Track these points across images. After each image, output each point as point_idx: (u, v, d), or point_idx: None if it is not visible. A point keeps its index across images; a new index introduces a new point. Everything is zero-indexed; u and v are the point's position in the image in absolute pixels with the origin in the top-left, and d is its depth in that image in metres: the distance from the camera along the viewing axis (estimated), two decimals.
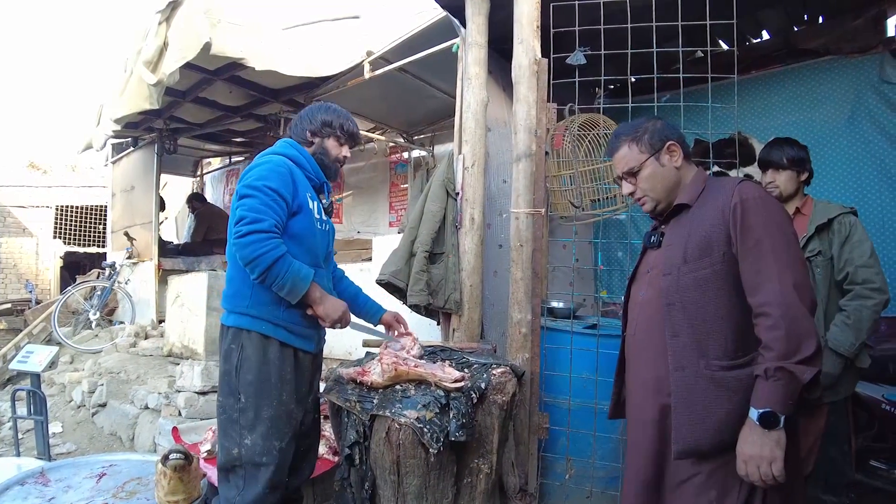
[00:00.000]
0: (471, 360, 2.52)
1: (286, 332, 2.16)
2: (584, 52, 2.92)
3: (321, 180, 2.38)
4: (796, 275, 1.53)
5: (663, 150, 1.82)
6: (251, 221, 1.99)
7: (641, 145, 1.84)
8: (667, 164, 1.82)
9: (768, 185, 2.67)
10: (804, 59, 4.34)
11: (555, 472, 2.99)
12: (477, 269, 3.10)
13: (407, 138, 6.66)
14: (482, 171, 3.15)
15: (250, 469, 2.08)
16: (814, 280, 2.49)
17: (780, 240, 1.57)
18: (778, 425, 1.46)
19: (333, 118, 2.39)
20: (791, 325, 1.47)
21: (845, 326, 2.42)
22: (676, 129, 1.87)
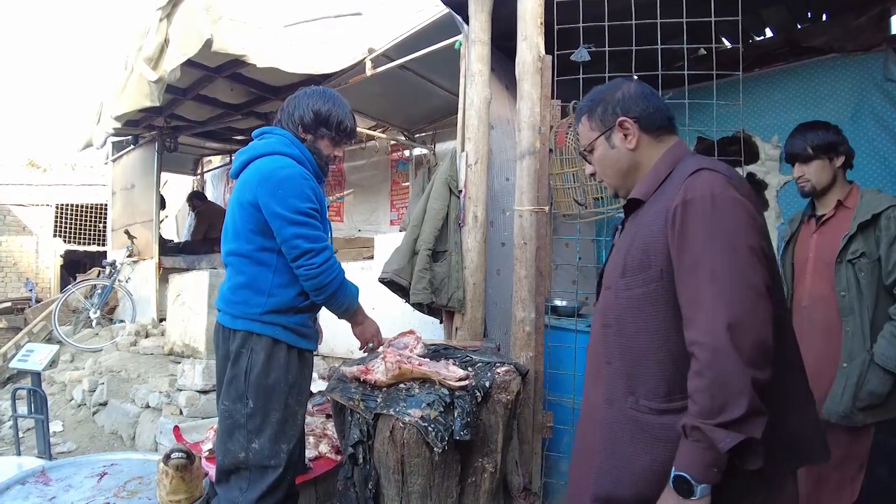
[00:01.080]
0: (474, 358, 2.51)
1: (295, 336, 2.15)
2: (588, 48, 2.90)
3: (321, 177, 2.32)
4: (735, 310, 1.17)
5: (615, 127, 1.50)
6: (322, 250, 2.07)
7: (593, 121, 1.55)
8: (618, 144, 1.50)
9: (798, 179, 2.39)
10: (807, 57, 4.31)
11: (559, 470, 2.98)
12: (480, 267, 3.08)
13: (408, 136, 6.64)
14: (485, 168, 3.13)
15: (256, 472, 2.06)
16: (858, 286, 2.17)
17: (723, 260, 1.21)
18: (693, 495, 1.16)
19: (331, 113, 2.24)
20: (716, 378, 1.15)
21: (893, 339, 2.07)
22: (645, 99, 1.50)
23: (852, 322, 2.16)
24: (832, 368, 2.17)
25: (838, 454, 2.13)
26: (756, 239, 1.25)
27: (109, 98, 5.22)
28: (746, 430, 1.12)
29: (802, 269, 2.39)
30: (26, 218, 12.16)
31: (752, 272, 1.21)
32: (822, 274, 2.28)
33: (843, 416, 2.12)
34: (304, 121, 2.23)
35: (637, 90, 1.52)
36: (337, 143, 2.30)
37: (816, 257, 2.32)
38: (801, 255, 2.42)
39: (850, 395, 2.11)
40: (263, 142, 2.24)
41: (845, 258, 2.19)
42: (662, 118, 1.49)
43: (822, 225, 2.35)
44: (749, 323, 1.17)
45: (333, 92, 2.32)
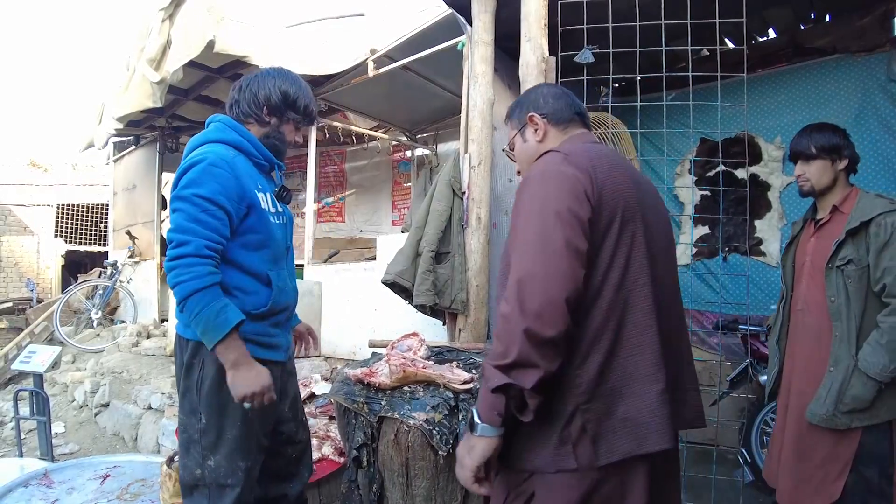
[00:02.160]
0: (478, 360, 2.50)
1: (253, 346, 1.87)
2: (593, 50, 2.90)
3: (271, 163, 2.05)
4: (526, 267, 1.22)
5: (527, 123, 1.61)
6: (176, 245, 1.73)
7: (512, 122, 1.67)
8: (529, 138, 1.61)
9: (798, 178, 2.37)
10: (811, 58, 4.31)
11: None
12: (483, 268, 3.08)
13: (410, 137, 6.64)
14: (489, 169, 3.13)
15: (215, 490, 1.89)
16: (846, 292, 2.15)
17: (533, 221, 1.27)
18: (475, 430, 1.23)
19: (298, 96, 2.03)
20: (503, 326, 1.21)
21: (878, 346, 2.05)
22: (555, 97, 1.61)
23: (840, 327, 2.17)
24: (822, 372, 2.19)
25: (821, 454, 2.19)
26: (568, 204, 1.26)
27: (111, 99, 5.21)
28: (514, 377, 1.18)
29: (800, 272, 2.39)
30: (27, 218, 12.16)
31: (552, 233, 1.23)
32: (816, 279, 2.29)
33: (824, 417, 2.14)
34: (270, 102, 1.99)
35: (549, 91, 1.65)
36: (299, 127, 2.11)
37: (812, 262, 2.33)
38: (800, 258, 2.42)
39: (833, 399, 2.12)
40: (197, 134, 2.00)
41: (835, 264, 2.19)
42: (570, 113, 1.60)
43: (819, 229, 2.35)
44: (536, 279, 1.20)
45: (293, 73, 2.11)
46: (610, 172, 1.35)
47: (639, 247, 1.33)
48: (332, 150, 7.81)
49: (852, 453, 2.12)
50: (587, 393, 1.26)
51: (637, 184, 1.41)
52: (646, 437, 1.26)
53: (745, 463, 3.57)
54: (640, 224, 1.34)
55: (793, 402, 2.30)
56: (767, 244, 4.41)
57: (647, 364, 1.30)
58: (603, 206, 1.30)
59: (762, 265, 4.42)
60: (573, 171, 1.31)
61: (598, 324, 1.28)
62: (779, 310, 2.54)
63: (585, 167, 1.32)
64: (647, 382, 1.29)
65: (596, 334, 1.28)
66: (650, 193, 1.49)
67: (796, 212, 4.30)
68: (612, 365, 1.28)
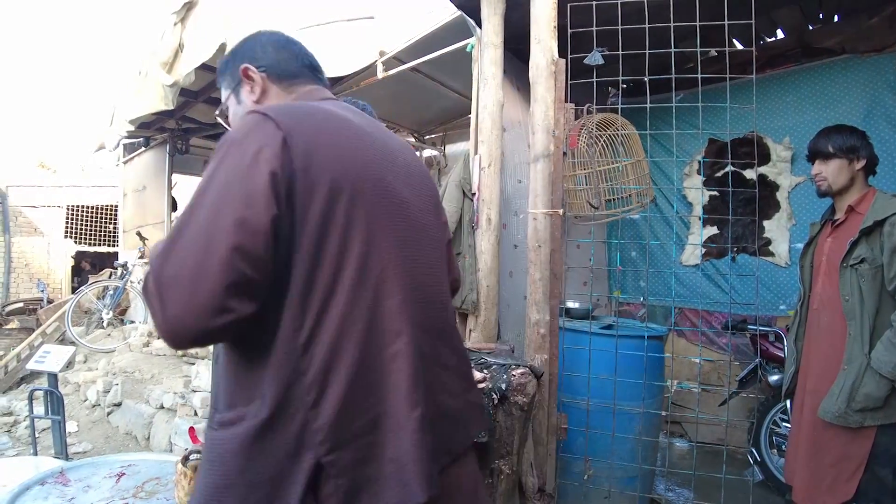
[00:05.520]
0: (489, 360, 2.52)
1: None
2: (602, 52, 2.92)
3: None
4: (176, 238, 0.94)
5: (242, 80, 1.28)
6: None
7: (225, 79, 1.35)
8: (245, 99, 1.29)
9: (816, 177, 2.39)
10: (819, 58, 4.32)
11: (572, 472, 2.99)
12: (494, 269, 3.10)
13: (418, 138, 6.67)
14: (499, 171, 3.15)
15: None
16: (860, 291, 2.16)
17: (201, 189, 0.98)
18: None
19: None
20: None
21: (891, 345, 2.04)
22: (277, 47, 1.31)
23: (854, 326, 2.19)
24: (837, 370, 2.21)
25: (834, 453, 2.20)
26: (244, 173, 0.96)
27: (123, 101, 5.26)
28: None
29: (817, 272, 2.42)
30: (37, 219, 12.24)
31: (218, 202, 0.95)
32: (832, 278, 2.31)
33: (837, 415, 2.15)
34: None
35: (268, 39, 1.33)
36: None
37: (828, 261, 2.36)
38: (817, 258, 2.44)
39: (845, 397, 2.14)
40: None
41: (849, 263, 2.21)
42: (296, 65, 1.31)
43: (836, 229, 2.37)
44: (185, 249, 0.93)
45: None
46: (331, 136, 1.07)
47: (382, 229, 1.08)
48: None
49: (867, 452, 2.13)
50: (329, 441, 0.97)
51: (379, 152, 1.15)
52: (404, 483, 1.00)
53: (755, 462, 3.58)
54: (380, 200, 1.09)
55: (807, 400, 2.32)
56: (776, 244, 4.42)
57: (402, 385, 1.04)
58: (304, 179, 0.99)
59: (771, 265, 4.43)
60: (262, 138, 0.98)
61: (331, 336, 0.99)
62: (797, 310, 2.56)
63: (284, 131, 0.99)
64: (405, 409, 1.03)
65: (331, 352, 0.99)
66: (406, 165, 1.23)
67: (805, 212, 4.30)
68: (358, 396, 1.00)
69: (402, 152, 1.25)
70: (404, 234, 1.13)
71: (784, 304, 4.31)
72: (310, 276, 0.99)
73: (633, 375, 2.90)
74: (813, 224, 2.60)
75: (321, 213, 0.99)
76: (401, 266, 1.09)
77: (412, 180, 1.23)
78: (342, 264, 1.01)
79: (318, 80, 1.34)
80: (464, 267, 3.10)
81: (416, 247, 1.16)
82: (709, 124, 4.44)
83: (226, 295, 0.90)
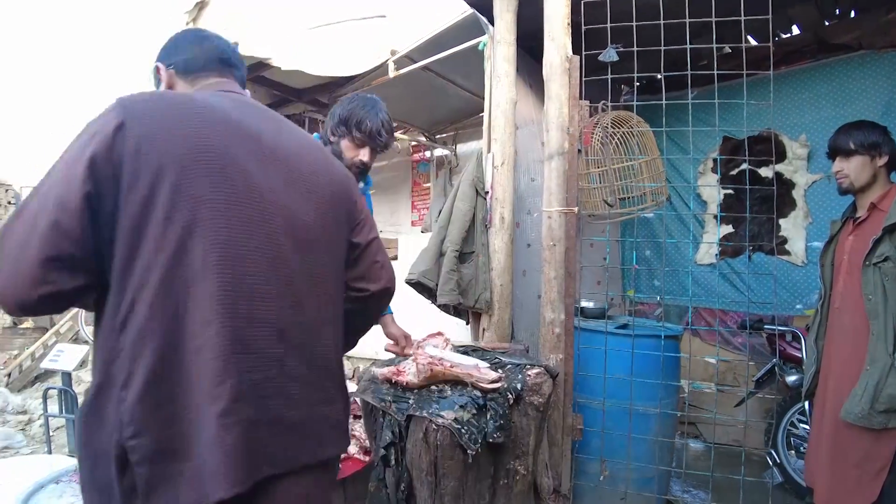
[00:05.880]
0: (503, 360, 2.50)
1: None
2: (617, 48, 2.89)
3: None
4: (16, 214, 1.01)
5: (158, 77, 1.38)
6: None
7: (154, 81, 1.43)
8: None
9: (837, 174, 2.35)
10: (836, 54, 4.26)
11: (587, 473, 2.97)
12: (507, 268, 3.08)
13: (429, 137, 6.64)
14: (512, 169, 3.12)
15: None
16: (883, 290, 2.11)
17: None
18: None
19: (351, 112, 2.11)
20: None
21: None
22: (189, 45, 1.38)
23: (877, 325, 2.14)
24: (859, 371, 2.17)
25: (857, 454, 2.16)
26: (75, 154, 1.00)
27: None
28: None
29: (838, 271, 2.37)
30: None
31: (51, 184, 1.00)
32: (854, 277, 2.27)
33: (860, 416, 2.12)
34: (332, 121, 2.18)
35: (185, 36, 1.40)
36: (358, 143, 2.14)
37: (850, 260, 2.31)
38: (838, 256, 2.40)
39: (868, 397, 2.10)
40: None
41: (872, 261, 2.16)
42: (204, 60, 1.36)
43: (858, 227, 2.33)
44: (7, 228, 1.00)
45: (372, 97, 2.21)
46: (176, 123, 1.07)
47: (213, 216, 1.06)
48: None
49: (891, 454, 2.09)
50: (132, 424, 0.97)
51: (239, 143, 1.14)
52: (201, 480, 0.98)
53: (774, 464, 3.53)
54: (217, 188, 1.07)
55: (829, 401, 2.28)
56: (792, 243, 4.37)
57: (206, 379, 1.01)
58: (133, 162, 1.01)
59: (787, 264, 4.37)
60: (101, 123, 1.02)
61: (141, 319, 1.00)
62: (818, 309, 2.50)
63: (123, 117, 1.02)
64: (206, 404, 1.00)
65: (139, 334, 1.00)
66: (285, 159, 1.23)
67: (822, 210, 4.25)
68: (160, 384, 0.99)
69: (288, 148, 1.25)
70: (242, 224, 1.10)
71: (800, 304, 4.26)
72: (129, 256, 1.01)
73: (649, 375, 2.87)
74: (833, 221, 2.55)
75: (144, 195, 1.01)
76: (228, 255, 1.06)
77: (292, 175, 1.22)
78: (160, 247, 1.01)
79: (226, 73, 1.38)
80: (477, 265, 3.08)
81: (259, 237, 1.12)
82: (723, 122, 4.39)
83: (45, 267, 0.96)
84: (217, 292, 1.04)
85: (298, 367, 1.15)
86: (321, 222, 1.27)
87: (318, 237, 1.26)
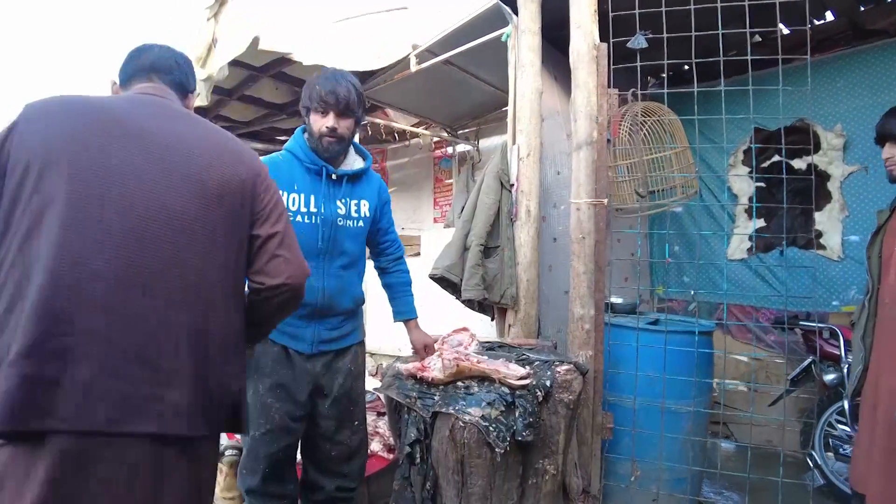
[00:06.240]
0: (531, 357, 2.43)
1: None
2: (646, 35, 2.80)
3: (319, 164, 2.19)
4: None
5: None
6: None
7: None
8: None
9: (887, 161, 2.22)
10: (872, 41, 4.10)
11: (617, 473, 2.88)
12: (533, 262, 2.99)
13: (451, 133, 6.57)
14: (538, 161, 3.04)
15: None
16: None
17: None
18: None
19: (309, 87, 2.16)
20: None
21: None
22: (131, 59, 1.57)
23: None
24: None
25: None
26: None
27: None
28: None
29: (888, 264, 2.21)
30: None
31: None
32: None
33: None
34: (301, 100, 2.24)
35: (130, 53, 1.58)
36: (320, 111, 2.16)
37: None
38: (886, 249, 2.24)
39: None
40: None
41: None
42: (133, 70, 1.55)
43: None
44: None
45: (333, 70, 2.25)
46: (50, 119, 1.28)
47: (67, 202, 1.21)
48: (372, 148, 7.79)
49: None
50: None
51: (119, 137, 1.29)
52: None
53: (815, 466, 3.40)
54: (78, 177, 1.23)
55: (883, 401, 2.12)
56: (828, 237, 4.22)
57: (17, 335, 1.16)
58: (14, 156, 1.24)
59: (823, 259, 4.22)
60: (5, 126, 1.28)
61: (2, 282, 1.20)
62: (864, 304, 2.35)
63: (19, 119, 1.28)
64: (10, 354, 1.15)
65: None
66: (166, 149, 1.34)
67: (859, 203, 4.10)
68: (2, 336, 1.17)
69: (175, 143, 1.36)
70: (92, 208, 1.22)
71: (837, 300, 4.11)
72: (3, 234, 1.22)
73: (681, 373, 2.77)
74: (880, 211, 2.40)
75: (16, 181, 1.22)
76: (68, 238, 1.19)
77: (170, 167, 1.33)
78: (18, 227, 1.21)
79: (155, 79, 1.54)
80: (503, 260, 3.01)
81: (108, 220, 1.23)
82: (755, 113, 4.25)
83: None
84: (50, 265, 1.17)
85: (119, 342, 1.22)
86: (203, 213, 1.35)
87: (192, 226, 1.33)
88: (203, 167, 1.37)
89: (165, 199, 1.30)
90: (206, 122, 1.53)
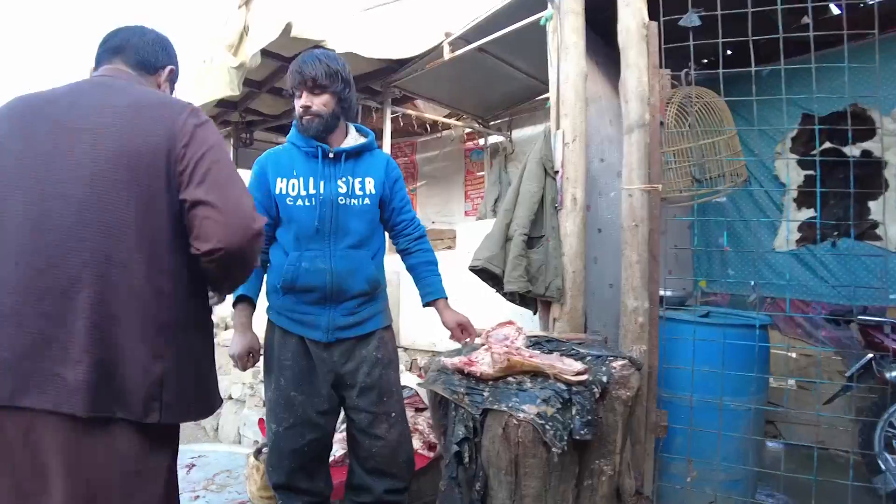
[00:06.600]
0: (581, 352, 2.30)
1: (286, 320, 2.20)
2: (699, 12, 2.65)
3: (314, 146, 2.19)
4: None
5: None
6: None
7: None
8: None
9: None
10: None
11: (670, 473, 2.74)
12: (580, 253, 2.86)
13: (483, 123, 6.44)
14: (584, 146, 2.90)
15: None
16: None
17: None
18: None
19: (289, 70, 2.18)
20: None
21: None
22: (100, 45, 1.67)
23: None
24: None
25: None
26: None
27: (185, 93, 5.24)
28: None
29: None
30: None
31: None
32: None
33: None
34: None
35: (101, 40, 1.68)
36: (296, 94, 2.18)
37: None
38: None
39: None
40: None
41: None
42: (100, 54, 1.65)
43: None
44: None
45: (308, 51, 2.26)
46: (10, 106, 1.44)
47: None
48: (402, 141, 7.72)
49: None
50: None
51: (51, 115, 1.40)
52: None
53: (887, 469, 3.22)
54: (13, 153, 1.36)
55: None
56: (884, 227, 4.01)
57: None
58: None
59: (878, 250, 4.02)
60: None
61: None
62: None
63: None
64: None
65: None
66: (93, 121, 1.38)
67: None
68: None
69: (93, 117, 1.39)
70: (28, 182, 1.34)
71: (895, 293, 3.90)
72: None
73: (737, 368, 2.62)
74: None
75: None
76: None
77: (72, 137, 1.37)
78: None
79: (115, 60, 1.63)
80: (547, 250, 2.87)
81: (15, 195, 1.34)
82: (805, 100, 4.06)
83: None
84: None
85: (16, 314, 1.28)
86: (111, 192, 1.35)
87: (100, 205, 1.34)
88: (115, 144, 1.37)
89: (67, 188, 1.33)
90: (141, 91, 1.51)
